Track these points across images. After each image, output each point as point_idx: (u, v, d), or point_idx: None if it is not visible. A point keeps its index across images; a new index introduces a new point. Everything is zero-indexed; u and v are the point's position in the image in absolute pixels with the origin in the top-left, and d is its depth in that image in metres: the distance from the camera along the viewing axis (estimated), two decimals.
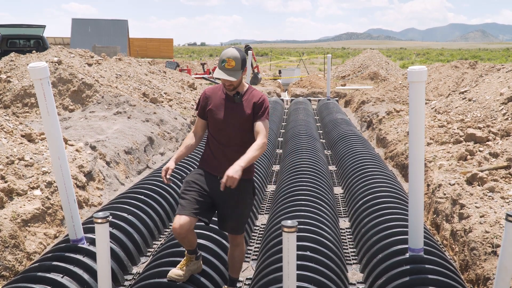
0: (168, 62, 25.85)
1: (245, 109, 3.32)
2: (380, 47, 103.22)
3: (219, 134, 3.35)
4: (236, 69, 3.22)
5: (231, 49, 3.31)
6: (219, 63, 3.26)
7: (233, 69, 3.22)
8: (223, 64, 3.23)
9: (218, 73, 3.25)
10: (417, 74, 3.35)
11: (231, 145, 3.33)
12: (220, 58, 3.27)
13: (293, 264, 2.64)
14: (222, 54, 3.26)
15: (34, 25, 21.80)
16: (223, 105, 3.34)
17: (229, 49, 3.30)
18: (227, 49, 3.31)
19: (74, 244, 3.93)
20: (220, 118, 3.32)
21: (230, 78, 3.20)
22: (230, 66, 3.21)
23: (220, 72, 3.24)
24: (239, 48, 3.35)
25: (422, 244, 3.67)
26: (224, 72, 3.22)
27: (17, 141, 6.07)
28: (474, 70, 15.77)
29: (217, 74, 3.25)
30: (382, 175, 6.02)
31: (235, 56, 3.23)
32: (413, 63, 45.41)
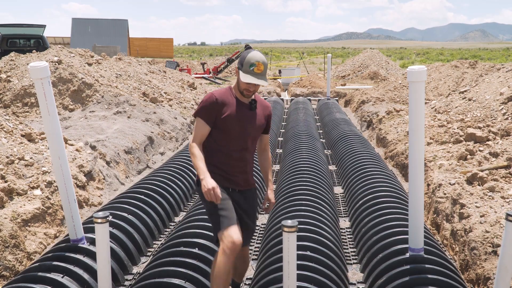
0: (168, 62, 25.87)
1: (260, 118, 3.21)
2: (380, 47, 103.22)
3: (234, 143, 3.11)
4: (264, 73, 3.07)
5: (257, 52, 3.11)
6: (244, 67, 3.04)
7: (262, 73, 3.05)
8: (252, 68, 3.02)
9: (246, 77, 3.01)
10: (417, 74, 3.35)
11: (244, 155, 3.16)
12: (246, 61, 3.05)
13: (293, 264, 2.64)
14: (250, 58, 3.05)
15: (34, 24, 21.80)
16: (241, 113, 3.11)
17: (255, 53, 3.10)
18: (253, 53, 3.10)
19: (74, 244, 3.93)
20: (239, 127, 3.08)
21: (261, 83, 3.03)
22: (260, 70, 3.04)
23: (248, 76, 3.01)
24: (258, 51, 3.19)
25: (422, 244, 3.67)
26: (254, 77, 3.01)
27: (17, 140, 6.07)
28: (474, 70, 15.76)
29: (246, 78, 3.01)
30: (382, 174, 6.02)
31: (263, 60, 3.07)
32: (413, 62, 45.40)
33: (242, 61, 3.08)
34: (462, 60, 17.60)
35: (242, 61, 3.08)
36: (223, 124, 3.06)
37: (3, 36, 20.61)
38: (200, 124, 3.09)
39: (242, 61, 3.09)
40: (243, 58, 3.09)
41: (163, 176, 5.97)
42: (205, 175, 2.90)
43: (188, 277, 3.52)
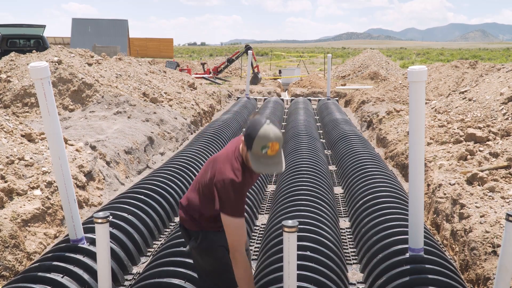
0: (168, 62, 25.86)
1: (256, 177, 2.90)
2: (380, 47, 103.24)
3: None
4: (280, 154, 2.54)
5: (269, 127, 2.48)
6: (255, 148, 2.49)
7: (277, 154, 2.52)
8: (265, 150, 2.47)
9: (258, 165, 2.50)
10: (417, 74, 3.35)
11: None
12: (256, 141, 2.46)
13: (294, 264, 2.64)
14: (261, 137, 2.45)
15: (34, 24, 21.80)
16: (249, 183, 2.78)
17: (267, 128, 2.47)
18: (264, 128, 2.46)
19: (74, 244, 3.93)
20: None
21: (279, 170, 2.53)
22: (274, 151, 2.49)
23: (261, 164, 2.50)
24: (271, 119, 2.64)
25: (422, 244, 3.67)
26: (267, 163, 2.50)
27: (17, 141, 6.07)
28: (474, 70, 15.76)
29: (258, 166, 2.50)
30: (382, 175, 6.02)
31: (278, 136, 2.48)
32: (413, 63, 45.41)
33: (251, 140, 2.51)
34: (462, 60, 17.59)
35: (251, 140, 2.51)
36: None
37: (3, 36, 20.61)
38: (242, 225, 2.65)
39: (251, 140, 2.51)
40: (252, 135, 2.50)
41: (163, 176, 5.97)
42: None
43: (188, 277, 3.52)
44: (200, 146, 7.68)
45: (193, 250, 2.90)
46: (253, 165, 2.53)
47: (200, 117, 12.74)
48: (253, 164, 2.53)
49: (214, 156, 2.90)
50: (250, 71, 17.83)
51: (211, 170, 2.76)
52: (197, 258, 2.94)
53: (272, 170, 2.54)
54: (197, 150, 7.40)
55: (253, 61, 22.43)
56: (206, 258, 2.89)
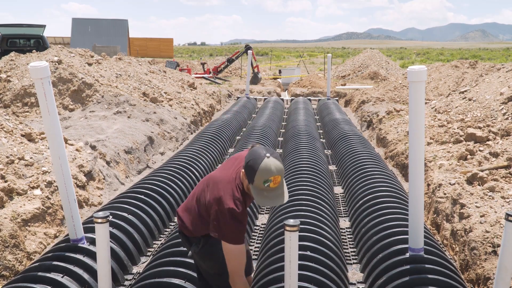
0: (168, 62, 25.86)
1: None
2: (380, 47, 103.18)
3: None
4: (282, 185, 2.55)
5: (270, 160, 2.47)
6: (257, 182, 2.47)
7: (279, 186, 2.52)
8: (267, 184, 2.46)
9: (262, 200, 2.50)
10: (417, 74, 3.35)
11: None
12: (258, 175, 2.45)
13: (295, 263, 2.64)
14: (263, 171, 2.43)
15: (34, 24, 21.79)
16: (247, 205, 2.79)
17: (267, 162, 2.45)
18: (265, 162, 2.45)
19: (74, 244, 3.93)
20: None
21: (282, 201, 2.54)
22: (277, 184, 2.49)
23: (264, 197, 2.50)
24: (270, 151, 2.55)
25: (422, 244, 3.67)
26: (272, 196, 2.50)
27: (17, 140, 6.07)
28: (474, 70, 15.76)
29: (262, 201, 2.50)
30: (382, 174, 6.02)
31: (280, 169, 2.48)
32: (413, 62, 45.39)
33: (252, 174, 2.49)
34: (462, 60, 17.59)
35: (252, 174, 2.49)
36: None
37: (3, 36, 20.61)
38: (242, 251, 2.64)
39: (252, 173, 2.49)
40: (253, 169, 2.48)
41: (163, 176, 5.97)
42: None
43: (188, 277, 3.52)
44: (200, 146, 7.68)
45: (194, 254, 2.90)
46: (256, 199, 2.53)
47: (200, 117, 12.74)
48: (256, 197, 2.53)
49: (212, 176, 2.82)
50: (250, 71, 17.83)
51: (210, 193, 2.71)
52: (200, 262, 2.95)
53: (275, 203, 2.54)
54: (197, 150, 7.40)
55: (253, 61, 22.43)
56: (208, 261, 2.89)
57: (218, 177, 2.76)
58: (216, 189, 2.68)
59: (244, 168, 2.59)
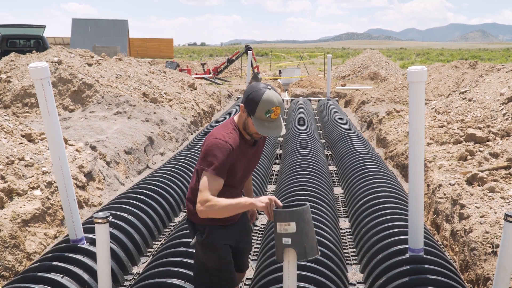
0: (168, 62, 25.86)
1: (260, 150, 2.93)
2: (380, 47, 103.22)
3: (236, 185, 2.85)
4: (281, 115, 2.65)
5: (271, 92, 2.58)
6: (258, 113, 2.56)
7: (278, 118, 2.62)
8: (268, 115, 2.55)
9: (264, 129, 2.58)
10: (417, 74, 3.35)
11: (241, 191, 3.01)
12: (260, 106, 2.54)
13: (294, 264, 2.64)
14: (265, 102, 2.53)
15: (34, 25, 21.81)
16: (247, 155, 2.79)
17: (270, 93, 2.56)
18: (267, 93, 2.55)
19: (74, 244, 3.93)
20: (244, 170, 2.82)
21: (282, 131, 2.62)
22: (277, 115, 2.59)
23: (265, 127, 2.59)
24: (271, 86, 2.64)
25: (422, 244, 3.67)
26: (272, 126, 2.59)
27: (17, 141, 6.08)
28: (474, 70, 15.77)
29: (262, 129, 2.58)
30: (382, 175, 6.02)
31: (280, 101, 2.58)
32: (413, 63, 45.41)
33: (254, 105, 2.57)
34: (462, 61, 17.60)
35: (254, 105, 2.57)
36: (230, 170, 2.70)
37: (3, 37, 20.61)
38: (217, 182, 2.61)
39: (254, 105, 2.57)
40: (255, 101, 2.56)
41: (163, 176, 5.97)
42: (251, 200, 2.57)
43: (188, 277, 3.52)
44: (200, 147, 7.69)
45: (197, 244, 2.90)
46: (258, 129, 2.59)
47: (200, 117, 12.75)
48: (257, 128, 2.59)
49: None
50: (250, 72, 17.83)
51: (204, 143, 2.77)
52: (200, 253, 2.94)
53: (275, 132, 2.60)
54: (197, 150, 7.41)
55: (253, 61, 22.43)
56: (209, 253, 2.88)
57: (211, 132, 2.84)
58: (209, 135, 2.76)
59: (245, 102, 2.63)
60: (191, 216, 2.93)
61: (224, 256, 2.87)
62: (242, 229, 3.06)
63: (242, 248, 3.09)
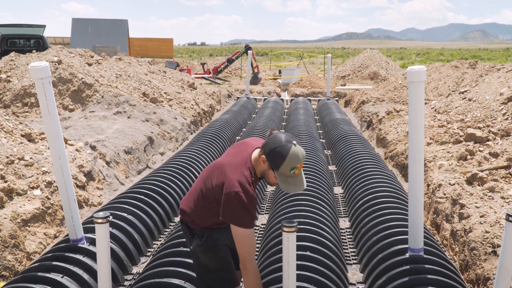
0: (168, 62, 25.85)
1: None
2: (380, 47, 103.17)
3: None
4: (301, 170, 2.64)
5: (298, 148, 2.54)
6: (283, 169, 2.53)
7: (301, 170, 2.62)
8: (293, 171, 2.54)
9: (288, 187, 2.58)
10: (417, 74, 3.35)
11: None
12: (286, 162, 2.50)
13: (293, 264, 2.64)
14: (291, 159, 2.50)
15: (34, 24, 21.79)
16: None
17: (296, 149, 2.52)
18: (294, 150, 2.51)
19: (74, 244, 3.93)
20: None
21: (304, 187, 2.64)
22: (300, 169, 2.58)
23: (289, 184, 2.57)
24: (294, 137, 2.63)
25: (422, 244, 3.67)
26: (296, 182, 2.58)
27: (17, 140, 6.07)
28: (474, 70, 15.76)
29: (288, 187, 2.58)
30: (382, 175, 6.02)
31: (304, 155, 2.57)
32: (413, 63, 45.40)
33: (280, 162, 2.52)
34: (462, 60, 17.60)
35: (280, 162, 2.52)
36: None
37: (3, 36, 20.60)
38: (252, 235, 2.67)
39: (280, 161, 2.52)
40: (281, 157, 2.52)
41: (163, 176, 5.97)
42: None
43: (188, 277, 3.52)
44: (200, 146, 7.68)
45: (197, 248, 2.90)
46: (282, 185, 2.58)
47: (200, 117, 12.74)
48: (281, 184, 2.57)
49: (218, 162, 2.84)
50: (250, 71, 17.83)
51: (218, 177, 2.71)
52: (200, 256, 2.94)
53: (299, 189, 2.59)
54: (197, 150, 7.40)
55: (253, 61, 22.42)
56: (210, 255, 2.89)
57: (225, 163, 2.76)
58: (224, 173, 2.69)
59: (267, 154, 2.58)
60: (188, 222, 2.92)
61: (224, 256, 2.89)
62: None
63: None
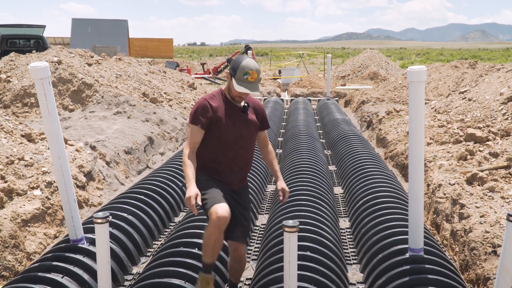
0: (168, 62, 25.86)
1: (253, 119, 3.23)
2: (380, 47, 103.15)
3: (232, 147, 3.15)
4: (258, 82, 3.06)
5: (250, 60, 3.08)
6: (238, 74, 3.03)
7: (255, 81, 3.04)
8: (246, 76, 3.02)
9: (240, 87, 3.02)
10: (417, 74, 3.35)
11: (243, 156, 3.22)
12: (240, 69, 3.03)
13: (294, 264, 2.64)
14: (244, 66, 3.03)
15: (34, 25, 21.79)
16: (234, 116, 3.15)
17: (249, 60, 3.07)
18: (247, 60, 3.07)
19: (74, 244, 3.93)
20: (233, 131, 3.12)
21: (255, 93, 3.04)
22: (253, 79, 3.03)
23: (242, 85, 3.02)
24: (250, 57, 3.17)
25: (422, 244, 3.67)
26: (248, 86, 3.01)
27: (17, 141, 6.07)
28: (474, 70, 15.77)
29: (240, 87, 3.02)
30: (382, 175, 6.02)
31: (257, 68, 3.06)
32: (413, 63, 45.40)
33: (236, 68, 3.06)
34: (462, 61, 17.61)
35: (236, 68, 3.06)
36: (216, 128, 3.10)
37: (3, 36, 20.60)
38: (194, 131, 3.13)
39: (236, 68, 3.06)
40: (237, 65, 3.07)
41: (163, 176, 5.97)
42: (190, 183, 2.99)
43: (188, 277, 3.52)
44: None
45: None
46: (236, 87, 3.03)
47: None
48: (235, 86, 3.03)
49: None
50: None
51: None
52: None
53: (251, 91, 3.04)
54: None
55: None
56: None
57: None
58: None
59: (230, 68, 3.12)
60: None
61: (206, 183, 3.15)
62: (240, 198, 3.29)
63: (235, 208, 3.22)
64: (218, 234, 2.97)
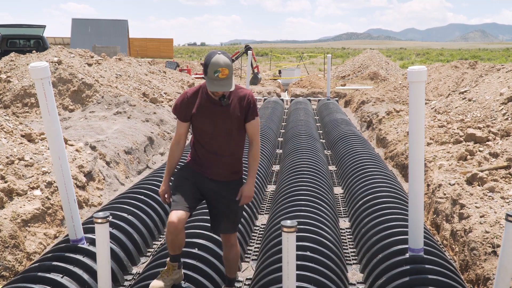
0: (168, 62, 25.85)
1: (234, 111, 3.17)
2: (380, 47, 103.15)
3: (209, 142, 3.21)
4: (230, 77, 3.03)
5: (220, 56, 3.03)
6: (209, 73, 2.99)
7: (227, 77, 3.01)
8: (217, 74, 2.98)
9: (212, 86, 3.00)
10: (417, 74, 3.35)
11: (223, 151, 3.21)
12: (210, 67, 2.98)
13: (293, 264, 2.64)
14: (214, 64, 2.98)
15: (34, 25, 21.80)
16: (210, 111, 3.16)
17: (218, 57, 3.02)
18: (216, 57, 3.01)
19: (74, 244, 3.93)
20: (209, 126, 3.16)
21: (226, 89, 3.01)
22: (224, 75, 2.99)
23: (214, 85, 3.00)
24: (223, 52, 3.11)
25: (422, 244, 3.67)
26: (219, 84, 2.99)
27: (17, 141, 6.07)
28: (474, 70, 15.77)
29: (211, 86, 3.00)
30: (382, 175, 6.02)
31: (227, 64, 3.01)
32: (413, 63, 45.41)
33: (206, 68, 3.02)
34: (462, 61, 17.61)
35: (206, 68, 3.02)
36: (194, 120, 3.21)
37: (3, 37, 20.61)
38: (177, 123, 3.31)
39: (206, 67, 3.02)
40: (207, 63, 3.03)
41: (163, 176, 5.96)
42: (165, 179, 3.34)
43: (187, 277, 3.52)
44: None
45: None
46: (208, 86, 3.04)
47: None
48: (208, 85, 3.04)
49: None
50: (250, 72, 17.83)
51: None
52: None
53: (222, 89, 3.02)
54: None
55: (253, 61, 22.42)
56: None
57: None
58: None
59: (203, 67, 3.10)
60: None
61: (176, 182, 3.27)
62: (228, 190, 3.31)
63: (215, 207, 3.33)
64: (171, 236, 3.13)
